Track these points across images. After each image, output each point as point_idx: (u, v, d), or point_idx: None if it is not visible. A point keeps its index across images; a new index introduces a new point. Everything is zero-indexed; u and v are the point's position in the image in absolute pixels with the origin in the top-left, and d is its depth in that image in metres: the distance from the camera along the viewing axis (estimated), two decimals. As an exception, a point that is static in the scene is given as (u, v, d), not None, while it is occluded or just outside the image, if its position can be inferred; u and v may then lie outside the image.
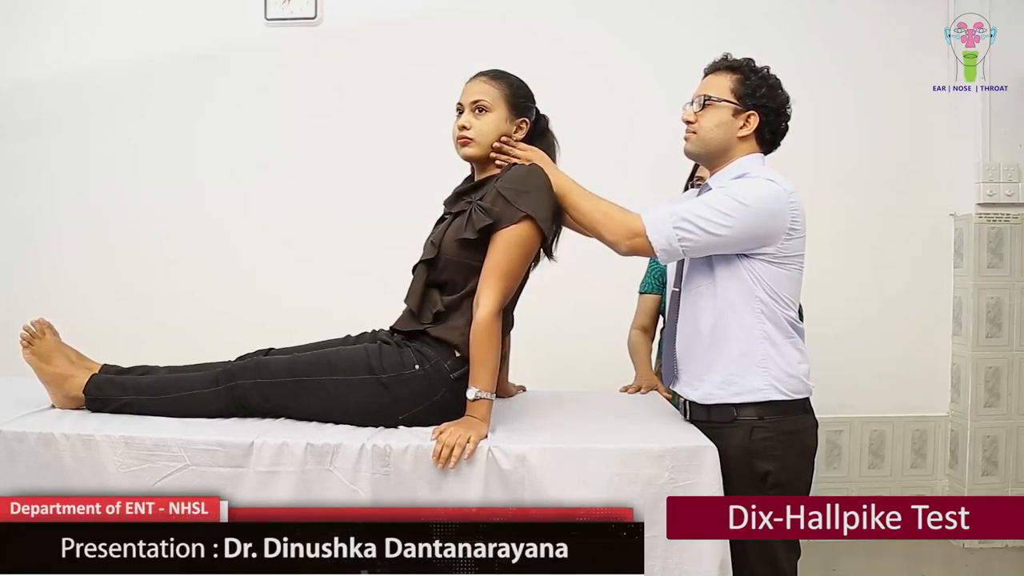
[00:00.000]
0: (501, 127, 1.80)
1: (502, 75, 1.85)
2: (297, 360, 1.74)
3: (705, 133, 1.78)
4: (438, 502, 1.51)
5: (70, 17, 3.30)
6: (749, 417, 1.70)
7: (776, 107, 1.78)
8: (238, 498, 1.50)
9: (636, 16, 3.24)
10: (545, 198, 1.72)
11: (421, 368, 1.68)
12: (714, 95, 1.77)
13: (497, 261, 1.67)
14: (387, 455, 1.54)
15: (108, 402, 1.77)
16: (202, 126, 3.29)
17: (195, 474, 1.54)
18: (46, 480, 1.55)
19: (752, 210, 1.66)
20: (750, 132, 1.77)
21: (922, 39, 3.18)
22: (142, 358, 1.96)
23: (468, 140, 1.79)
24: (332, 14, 3.26)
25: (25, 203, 3.31)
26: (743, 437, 1.69)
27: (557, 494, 1.51)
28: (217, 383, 1.74)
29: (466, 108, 1.81)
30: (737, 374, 1.71)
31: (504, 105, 1.81)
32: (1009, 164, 3.14)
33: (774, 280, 1.71)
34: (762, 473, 1.69)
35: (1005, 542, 3.07)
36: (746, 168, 1.76)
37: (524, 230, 1.68)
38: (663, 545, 1.51)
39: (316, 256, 3.25)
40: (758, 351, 1.70)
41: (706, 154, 1.81)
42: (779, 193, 1.69)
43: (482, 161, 1.82)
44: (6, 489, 1.49)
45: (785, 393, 1.71)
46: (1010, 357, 3.18)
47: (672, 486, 1.53)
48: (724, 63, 1.81)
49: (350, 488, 1.53)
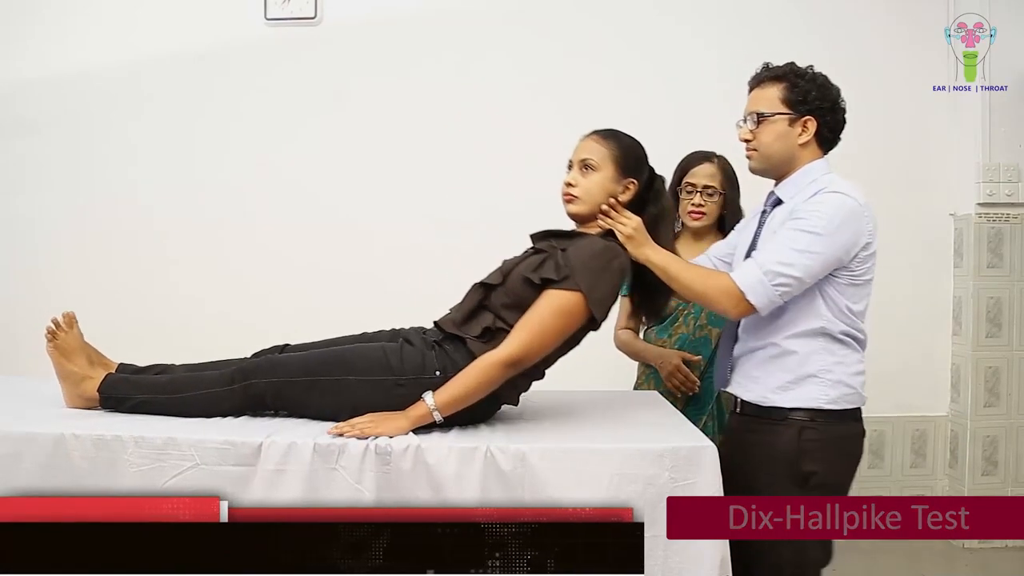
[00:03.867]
0: (607, 187, 1.78)
1: (613, 135, 1.83)
2: (312, 358, 1.73)
3: (765, 149, 1.76)
4: (438, 502, 1.51)
5: (70, 17, 3.30)
6: (800, 418, 1.70)
7: (830, 106, 1.76)
8: (246, 496, 1.51)
9: (636, 16, 3.24)
10: (606, 282, 1.70)
11: (443, 374, 1.67)
12: (766, 110, 1.75)
13: (535, 316, 1.66)
14: (388, 454, 1.54)
15: (123, 401, 1.77)
16: (202, 126, 3.29)
17: (205, 473, 1.54)
18: (55, 480, 1.54)
19: (830, 239, 1.65)
20: (810, 137, 1.75)
21: (922, 39, 3.18)
22: (141, 358, 1.96)
23: (572, 197, 1.79)
24: (332, 14, 3.26)
25: (24, 203, 3.31)
26: (792, 436, 1.70)
27: (557, 494, 1.51)
28: (232, 382, 1.73)
29: (574, 165, 1.81)
30: (794, 383, 1.71)
31: (612, 165, 1.78)
32: (1009, 164, 3.14)
33: (841, 293, 1.70)
34: (806, 473, 1.68)
35: (1005, 542, 3.07)
36: (811, 176, 1.74)
37: (572, 301, 1.66)
38: (663, 545, 1.51)
39: (316, 256, 3.25)
40: (817, 362, 1.70)
41: (771, 168, 1.79)
42: (853, 209, 1.67)
43: (585, 218, 1.81)
44: (14, 489, 1.48)
45: (839, 403, 1.71)
46: (1010, 357, 3.18)
47: (672, 486, 1.53)
48: (767, 74, 1.79)
49: (355, 487, 1.53)
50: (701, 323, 2.19)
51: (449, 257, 3.18)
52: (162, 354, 1.95)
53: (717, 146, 2.26)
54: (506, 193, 3.16)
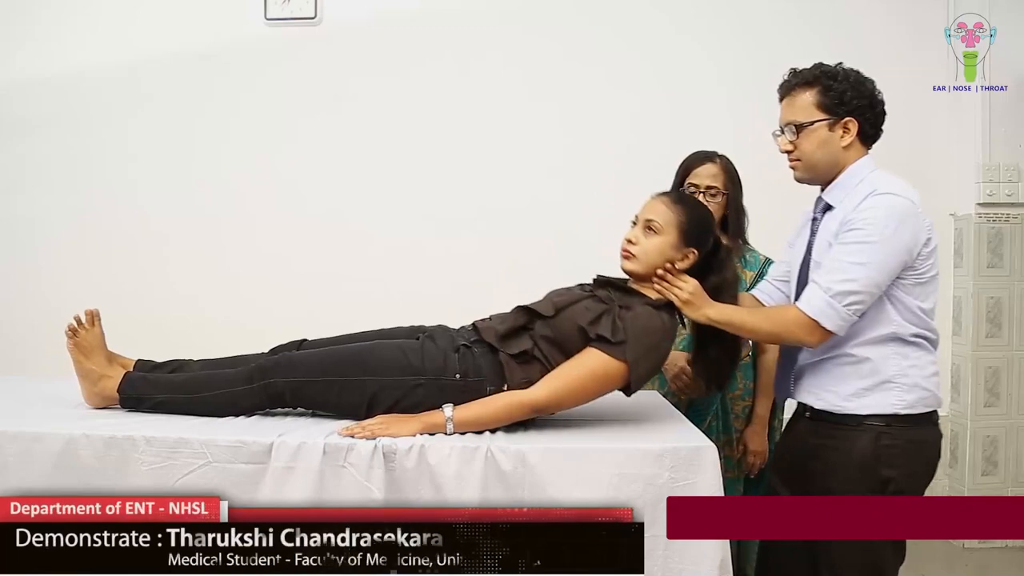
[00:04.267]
0: (666, 253, 1.75)
1: (682, 201, 1.81)
2: (330, 357, 1.74)
3: (809, 158, 1.72)
4: (438, 502, 1.51)
5: (69, 16, 3.30)
6: (877, 424, 1.67)
7: (868, 102, 1.71)
8: (257, 494, 1.51)
9: (636, 16, 3.24)
10: (652, 360, 1.69)
11: (462, 379, 1.67)
12: (803, 119, 1.70)
13: (575, 372, 1.65)
14: (394, 453, 1.55)
15: (142, 401, 1.77)
16: (201, 126, 3.29)
17: (216, 471, 1.54)
18: (66, 480, 1.54)
19: (888, 244, 1.61)
20: (852, 138, 1.71)
21: (922, 39, 3.18)
22: (141, 356, 1.96)
23: (630, 255, 1.77)
24: (332, 14, 3.26)
25: (23, 203, 3.31)
26: (868, 442, 1.66)
27: (557, 494, 1.51)
28: (251, 381, 1.73)
29: (639, 223, 1.79)
30: (869, 390, 1.67)
31: (676, 232, 1.75)
32: (1009, 164, 3.14)
33: (908, 294, 1.67)
34: (884, 479, 1.65)
35: (1005, 542, 3.07)
36: (859, 176, 1.70)
37: (615, 369, 1.65)
38: (663, 545, 1.51)
39: (315, 256, 3.25)
40: (892, 368, 1.67)
41: (817, 176, 1.75)
42: (906, 208, 1.63)
43: (638, 276, 1.79)
44: (24, 489, 1.48)
45: (916, 407, 1.68)
46: (1010, 357, 3.18)
47: (672, 486, 1.53)
48: (796, 80, 1.73)
49: (364, 485, 1.53)
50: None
51: (449, 257, 3.18)
52: (161, 353, 1.95)
53: (717, 146, 2.25)
54: (506, 193, 3.16)
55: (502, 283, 3.07)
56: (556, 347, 1.69)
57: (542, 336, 1.70)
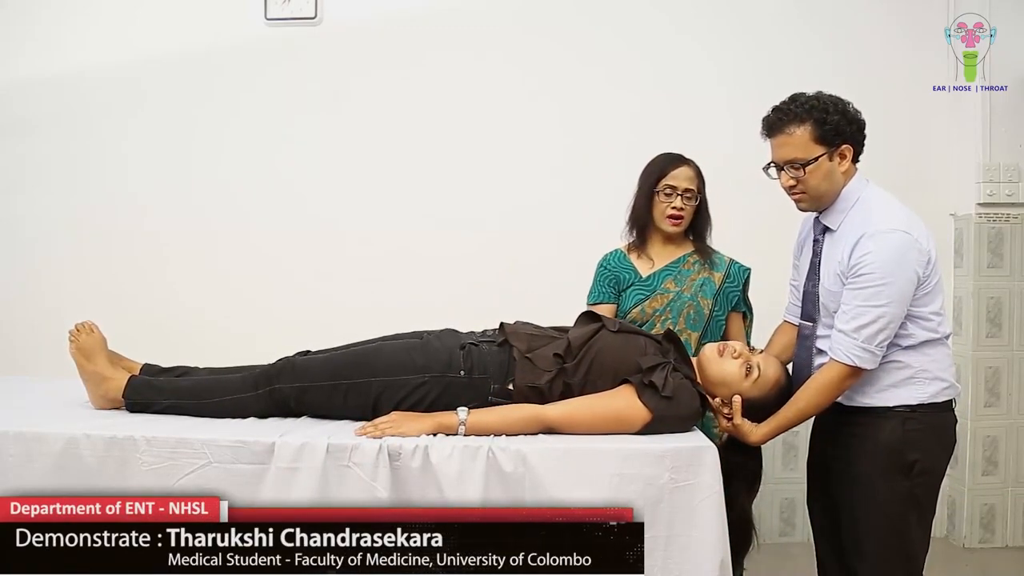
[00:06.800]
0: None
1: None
2: (335, 361, 1.75)
3: (815, 191, 1.79)
4: (439, 502, 1.51)
5: (68, 16, 3.29)
6: (902, 411, 1.77)
7: (857, 126, 1.80)
8: (259, 494, 1.52)
9: (636, 16, 3.24)
10: (669, 425, 1.70)
11: (467, 375, 1.68)
12: (804, 156, 1.76)
13: (600, 406, 1.68)
14: (399, 453, 1.55)
15: (148, 405, 1.79)
16: (201, 126, 3.29)
17: (218, 471, 1.55)
18: (67, 480, 1.55)
19: (896, 281, 1.70)
20: (848, 163, 1.79)
21: (922, 39, 3.18)
22: (139, 357, 1.97)
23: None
24: (332, 14, 3.26)
25: (22, 203, 3.31)
26: (896, 427, 1.76)
27: (557, 494, 1.51)
28: (257, 387, 1.75)
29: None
30: (894, 385, 1.77)
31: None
32: (1009, 164, 3.14)
33: (919, 307, 1.75)
34: (910, 461, 1.75)
35: (1005, 542, 3.09)
36: (852, 198, 1.79)
37: (638, 414, 1.67)
38: (663, 545, 1.51)
39: (315, 257, 3.25)
40: (914, 366, 1.77)
41: (823, 205, 1.83)
42: (902, 243, 1.71)
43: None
44: (24, 489, 1.49)
45: (938, 396, 1.78)
46: (1010, 357, 3.18)
47: (672, 486, 1.53)
48: (788, 117, 1.78)
49: (369, 485, 1.54)
50: (680, 328, 2.15)
51: (450, 257, 3.18)
52: (160, 352, 1.95)
53: (717, 145, 2.25)
54: (506, 193, 3.16)
55: (502, 283, 3.08)
56: (585, 367, 1.72)
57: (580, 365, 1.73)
